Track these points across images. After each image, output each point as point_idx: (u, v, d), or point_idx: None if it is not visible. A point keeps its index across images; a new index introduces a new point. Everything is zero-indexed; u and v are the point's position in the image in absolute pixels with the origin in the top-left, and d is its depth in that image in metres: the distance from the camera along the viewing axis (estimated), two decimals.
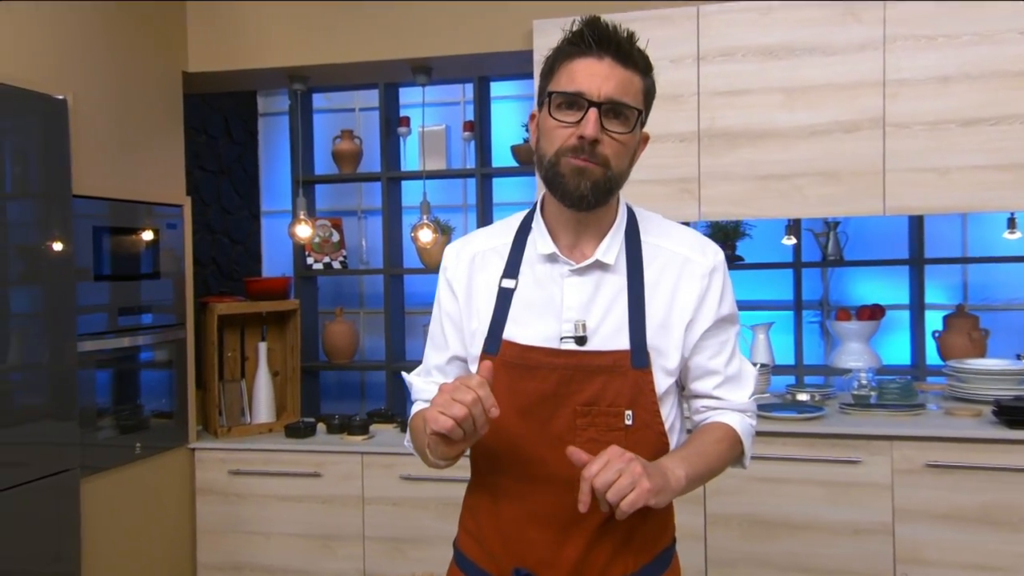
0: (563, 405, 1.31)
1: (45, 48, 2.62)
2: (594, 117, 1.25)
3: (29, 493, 2.43)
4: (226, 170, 4.23)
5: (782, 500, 2.77)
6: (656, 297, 1.35)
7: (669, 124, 2.91)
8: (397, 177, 3.89)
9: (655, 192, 2.92)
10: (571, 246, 1.38)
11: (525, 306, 1.37)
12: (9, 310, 2.41)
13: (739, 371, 1.42)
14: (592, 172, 1.28)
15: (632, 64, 1.31)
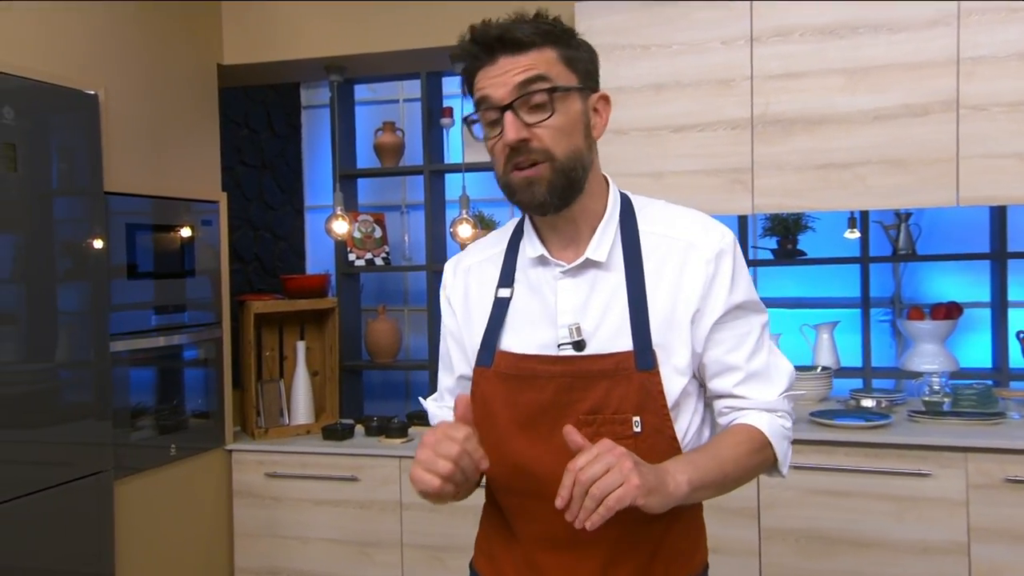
0: (565, 415, 1.25)
1: (77, 43, 2.65)
2: (510, 120, 1.19)
3: (62, 494, 2.47)
4: (268, 164, 4.25)
5: (844, 515, 2.64)
6: (659, 291, 1.27)
7: (719, 110, 2.79)
8: (440, 170, 3.85)
9: (704, 184, 2.81)
10: (563, 246, 1.32)
11: (520, 314, 1.32)
12: (41, 310, 2.45)
13: (766, 366, 1.31)
14: (539, 178, 1.22)
15: (527, 45, 1.22)
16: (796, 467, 2.67)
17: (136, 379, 2.86)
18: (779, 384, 1.31)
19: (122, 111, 2.79)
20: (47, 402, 2.45)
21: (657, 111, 2.82)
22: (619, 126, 2.85)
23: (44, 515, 2.41)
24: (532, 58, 1.21)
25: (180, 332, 3.01)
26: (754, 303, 1.32)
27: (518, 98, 1.19)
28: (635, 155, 2.86)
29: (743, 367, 1.29)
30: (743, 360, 1.29)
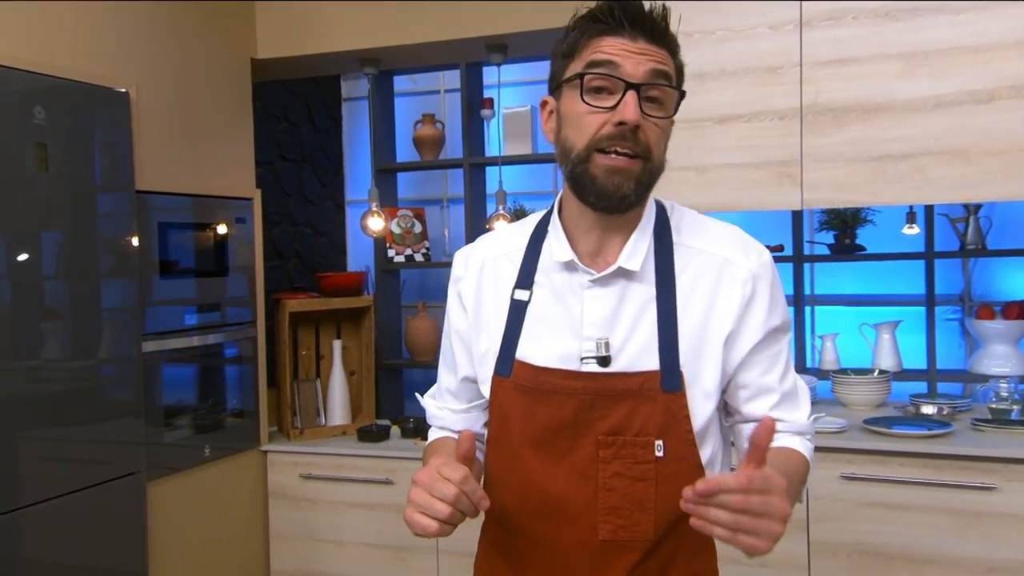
0: (584, 435, 1.22)
1: (108, 40, 2.69)
2: (634, 100, 1.16)
3: (96, 495, 2.52)
4: (308, 158, 4.28)
5: (900, 529, 2.55)
6: (691, 308, 1.24)
7: (766, 99, 2.71)
8: (480, 163, 3.83)
9: (750, 177, 2.73)
10: (593, 252, 1.27)
11: (540, 321, 1.28)
12: (73, 309, 2.50)
13: (793, 388, 1.30)
14: (633, 170, 1.19)
15: (667, 42, 1.22)
16: (849, 478, 2.59)
17: (170, 379, 2.91)
18: (805, 405, 1.31)
19: (154, 108, 2.83)
20: (80, 402, 2.51)
21: (700, 101, 2.75)
22: None
23: (78, 515, 2.47)
24: (666, 55, 1.21)
25: (214, 331, 3.05)
26: (787, 323, 1.30)
27: (648, 83, 1.17)
28: (677, 148, 2.76)
29: (777, 388, 1.27)
30: (776, 381, 1.27)
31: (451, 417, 1.42)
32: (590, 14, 1.23)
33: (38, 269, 2.41)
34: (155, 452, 2.79)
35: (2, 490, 2.26)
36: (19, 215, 2.34)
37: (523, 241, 1.34)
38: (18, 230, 2.34)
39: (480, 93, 3.94)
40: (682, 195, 2.79)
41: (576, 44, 1.23)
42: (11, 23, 2.39)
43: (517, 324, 1.29)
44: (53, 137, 2.42)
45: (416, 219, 4.00)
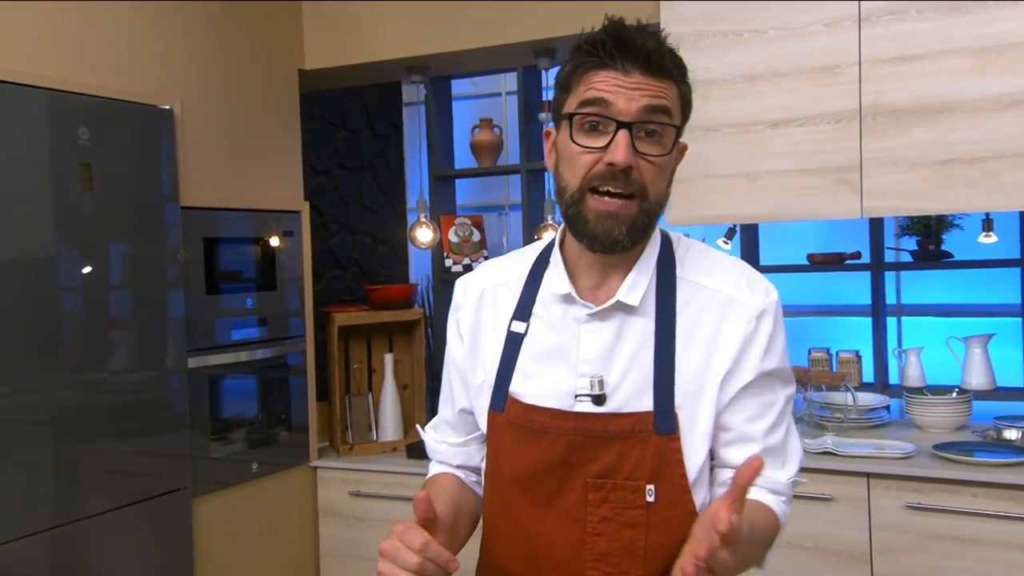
0: (573, 476, 1.23)
1: (151, 58, 2.84)
2: (625, 140, 1.17)
3: (139, 513, 2.68)
4: (368, 166, 4.41)
5: (970, 565, 2.46)
6: (692, 347, 1.24)
7: (823, 101, 2.65)
8: (538, 169, 3.87)
9: (805, 185, 2.68)
10: (594, 287, 1.29)
11: (536, 355, 1.29)
12: (117, 326, 2.66)
13: (783, 444, 1.28)
14: (626, 213, 1.20)
15: (665, 73, 1.21)
16: (915, 508, 2.52)
17: (217, 394, 3.05)
18: (791, 466, 1.29)
19: (199, 124, 2.98)
20: (125, 418, 2.66)
21: (751, 104, 2.72)
22: (709, 122, 2.77)
23: (120, 534, 2.63)
24: (663, 88, 1.20)
25: (263, 345, 3.18)
26: (785, 373, 1.29)
27: (641, 121, 1.18)
28: (727, 154, 2.77)
29: (760, 440, 1.25)
30: (761, 433, 1.25)
31: (448, 451, 1.44)
32: (584, 45, 1.23)
33: (86, 287, 2.57)
34: (202, 468, 2.93)
35: (48, 504, 2.43)
36: (64, 235, 2.50)
37: (525, 271, 1.36)
38: (64, 250, 2.50)
39: (539, 95, 3.97)
40: (731, 204, 2.76)
41: (571, 78, 1.24)
42: (53, 45, 2.56)
43: (512, 357, 1.30)
44: (97, 157, 2.58)
45: (474, 227, 4.06)
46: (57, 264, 2.50)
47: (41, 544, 2.41)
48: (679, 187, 2.83)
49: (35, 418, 2.45)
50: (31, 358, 2.41)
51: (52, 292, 2.47)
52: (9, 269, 2.37)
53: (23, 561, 2.36)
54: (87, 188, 2.57)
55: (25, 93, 2.42)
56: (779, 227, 3.65)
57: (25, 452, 2.39)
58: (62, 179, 2.50)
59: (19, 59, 2.46)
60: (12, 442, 2.36)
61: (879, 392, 3.34)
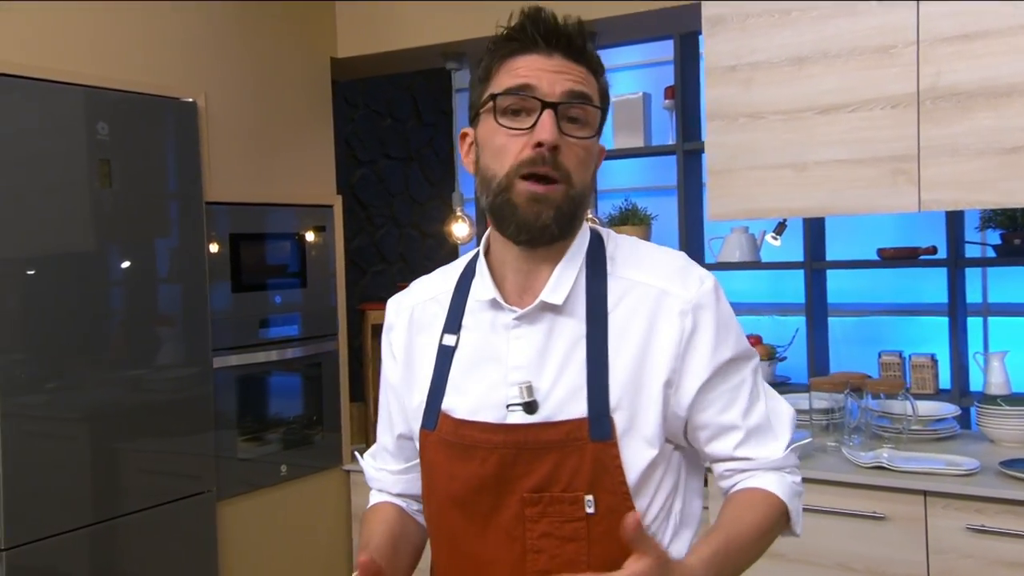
0: (508, 492, 1.22)
1: (173, 49, 2.91)
2: (550, 119, 1.19)
3: (161, 515, 2.75)
4: (415, 156, 4.43)
5: None
6: (624, 346, 1.23)
7: (876, 85, 2.55)
8: None
9: (858, 176, 2.59)
10: (521, 289, 1.28)
11: (467, 367, 1.29)
12: (141, 326, 2.74)
13: (765, 419, 1.28)
14: (552, 197, 1.21)
15: (587, 59, 1.25)
16: (978, 530, 2.41)
17: (243, 395, 3.11)
18: (783, 436, 1.29)
19: (225, 116, 3.04)
20: (144, 419, 2.74)
21: (799, 89, 2.63)
22: (754, 108, 2.70)
23: (144, 537, 2.71)
24: (586, 73, 1.24)
25: (292, 345, 3.24)
26: (744, 352, 1.29)
27: (566, 103, 1.20)
28: (773, 143, 2.69)
29: (741, 425, 1.26)
30: (739, 417, 1.26)
31: (389, 479, 1.44)
32: (502, 34, 1.26)
33: (103, 285, 2.65)
34: (227, 471, 2.99)
35: (72, 505, 2.52)
36: (83, 232, 2.59)
37: (451, 284, 1.36)
38: (82, 247, 2.59)
39: None
40: (777, 197, 2.69)
41: (490, 67, 1.26)
42: (72, 38, 2.64)
43: (444, 372, 1.30)
44: (117, 152, 2.65)
45: None
46: (75, 263, 2.58)
47: (72, 543, 2.50)
48: (720, 179, 2.79)
49: (68, 415, 2.55)
50: (49, 359, 2.50)
51: (63, 291, 2.55)
52: (32, 267, 2.46)
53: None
54: (106, 184, 2.65)
55: (42, 88, 2.51)
56: (848, 219, 3.54)
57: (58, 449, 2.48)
58: (80, 175, 2.58)
59: (37, 54, 2.54)
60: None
61: (956, 401, 3.20)
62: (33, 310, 2.47)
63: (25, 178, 2.45)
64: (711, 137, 2.77)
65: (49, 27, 2.58)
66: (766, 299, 3.81)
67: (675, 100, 3.61)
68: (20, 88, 2.46)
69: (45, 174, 2.50)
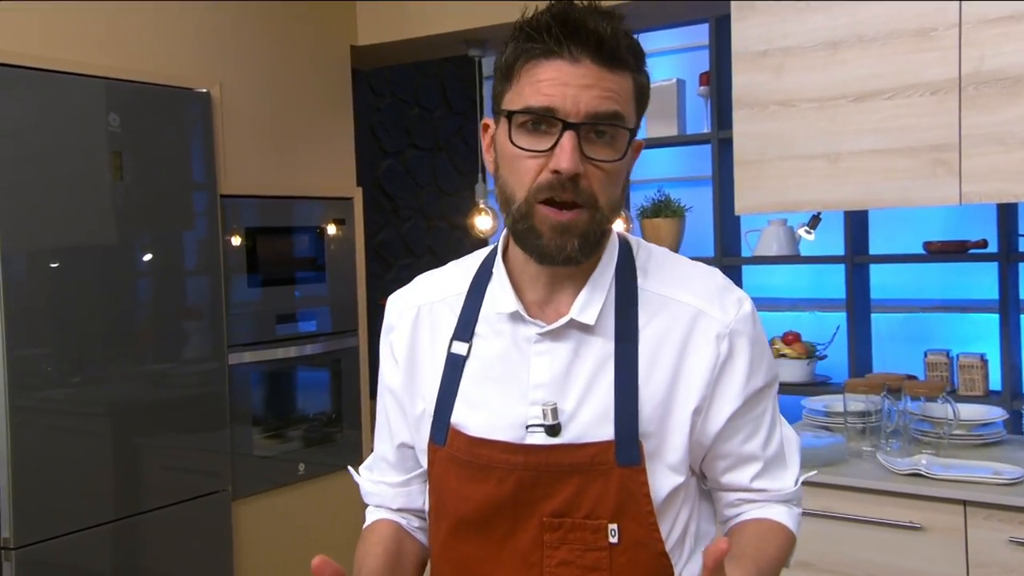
0: (526, 516, 1.18)
1: (186, 39, 2.91)
2: (571, 144, 1.10)
3: (175, 515, 2.77)
4: (444, 145, 4.41)
5: None
6: (656, 367, 1.18)
7: (915, 70, 2.47)
8: None
9: (894, 167, 2.50)
10: (542, 301, 1.22)
11: (480, 380, 1.23)
12: (154, 321, 2.75)
13: (780, 450, 1.27)
14: (577, 224, 1.13)
15: (620, 63, 1.13)
16: (1021, 543, 2.32)
17: (259, 392, 3.12)
18: (793, 465, 1.29)
19: (240, 107, 3.03)
20: (158, 417, 2.75)
21: (833, 75, 2.56)
22: (785, 96, 2.63)
23: (158, 536, 2.72)
24: (617, 82, 1.13)
25: (308, 342, 3.23)
26: (772, 379, 1.26)
27: (589, 124, 1.11)
28: (805, 132, 2.62)
29: (761, 456, 1.25)
30: (760, 448, 1.25)
31: (388, 492, 1.37)
32: (527, 28, 1.14)
33: (116, 280, 2.66)
34: (243, 470, 3.00)
35: (86, 504, 2.54)
36: (94, 226, 2.60)
37: (465, 285, 1.29)
38: (92, 241, 2.60)
39: None
40: (810, 189, 2.62)
41: (513, 67, 1.16)
42: (84, 28, 2.64)
43: (453, 383, 1.24)
44: (128, 144, 2.66)
45: None
46: (87, 257, 2.59)
47: (86, 541, 2.51)
48: (749, 169, 2.72)
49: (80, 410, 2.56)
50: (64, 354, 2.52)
51: (78, 286, 2.56)
52: (55, 260, 2.48)
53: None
54: (117, 177, 2.65)
55: (55, 80, 2.51)
56: (893, 210, 3.44)
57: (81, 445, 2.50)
58: (92, 168, 2.59)
59: (49, 45, 2.55)
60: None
61: (1006, 404, 3.10)
62: (45, 305, 2.48)
63: (39, 171, 2.46)
64: (739, 126, 2.70)
65: (61, 18, 2.59)
66: (807, 294, 3.72)
67: (710, 86, 3.54)
68: (33, 80, 2.47)
69: (58, 166, 2.51)
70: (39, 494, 2.44)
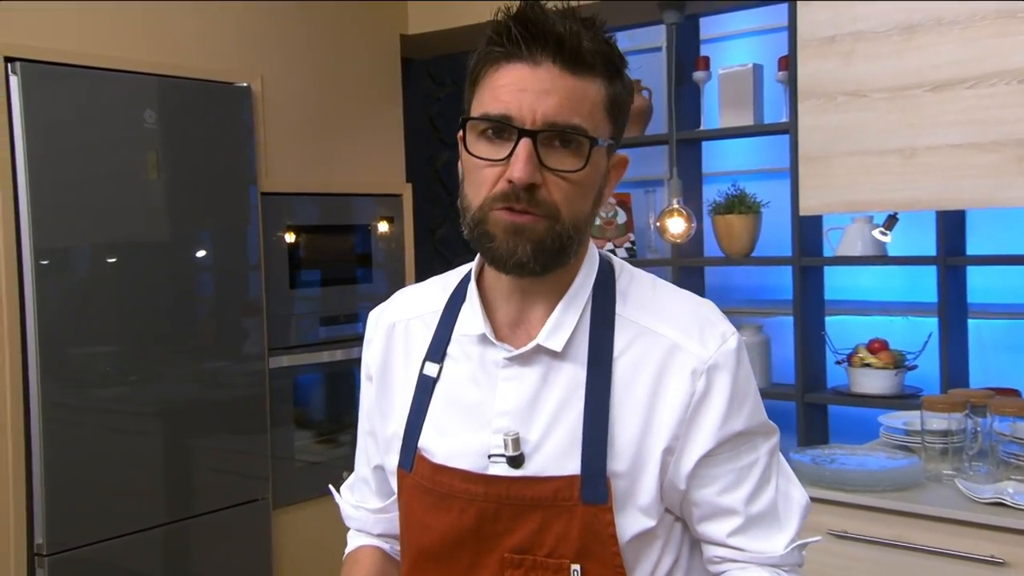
0: (488, 550, 1.17)
1: (225, 31, 2.93)
2: (525, 152, 1.09)
3: (213, 523, 2.80)
4: None
5: None
6: (628, 400, 1.16)
7: (1000, 56, 2.32)
8: (690, 139, 3.67)
9: (975, 164, 2.37)
10: (513, 322, 1.21)
11: (449, 404, 1.22)
12: (193, 324, 2.78)
13: (770, 508, 1.20)
14: (533, 229, 1.11)
15: (584, 67, 1.11)
16: None
17: (301, 397, 3.14)
18: (788, 528, 1.21)
19: (282, 101, 3.04)
20: (197, 423, 2.79)
21: (908, 63, 2.43)
22: (856, 85, 2.51)
23: (195, 544, 2.77)
24: (582, 87, 1.11)
25: (355, 344, 3.23)
26: (760, 426, 1.21)
27: (555, 130, 1.10)
28: (876, 125, 2.50)
29: (741, 511, 1.19)
30: (741, 502, 1.18)
31: (368, 519, 1.39)
32: (490, 29, 1.14)
33: (153, 280, 2.69)
34: (284, 478, 3.02)
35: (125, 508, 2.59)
36: (130, 224, 2.64)
37: (442, 302, 1.28)
38: (126, 240, 2.64)
39: (696, 50, 3.77)
40: (882, 188, 2.50)
41: (476, 70, 1.16)
42: (118, 23, 2.68)
43: (423, 406, 1.23)
44: (164, 141, 2.69)
45: (620, 207, 3.92)
46: (120, 255, 2.63)
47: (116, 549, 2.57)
48: (815, 166, 2.60)
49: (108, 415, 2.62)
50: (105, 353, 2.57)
51: (105, 285, 2.60)
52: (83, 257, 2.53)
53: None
54: (153, 174, 2.69)
55: (89, 76, 2.56)
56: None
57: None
58: (129, 164, 2.63)
59: (89, 41, 2.59)
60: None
61: None
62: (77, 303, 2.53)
63: (78, 168, 2.52)
64: (805, 118, 2.59)
65: (97, 14, 2.63)
66: (898, 297, 3.57)
67: (789, 72, 3.41)
68: (71, 76, 2.52)
69: (96, 163, 2.56)
70: (73, 499, 2.49)
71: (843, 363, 3.29)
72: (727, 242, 3.56)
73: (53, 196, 2.47)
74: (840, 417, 3.54)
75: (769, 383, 3.52)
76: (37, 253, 2.43)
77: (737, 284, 3.94)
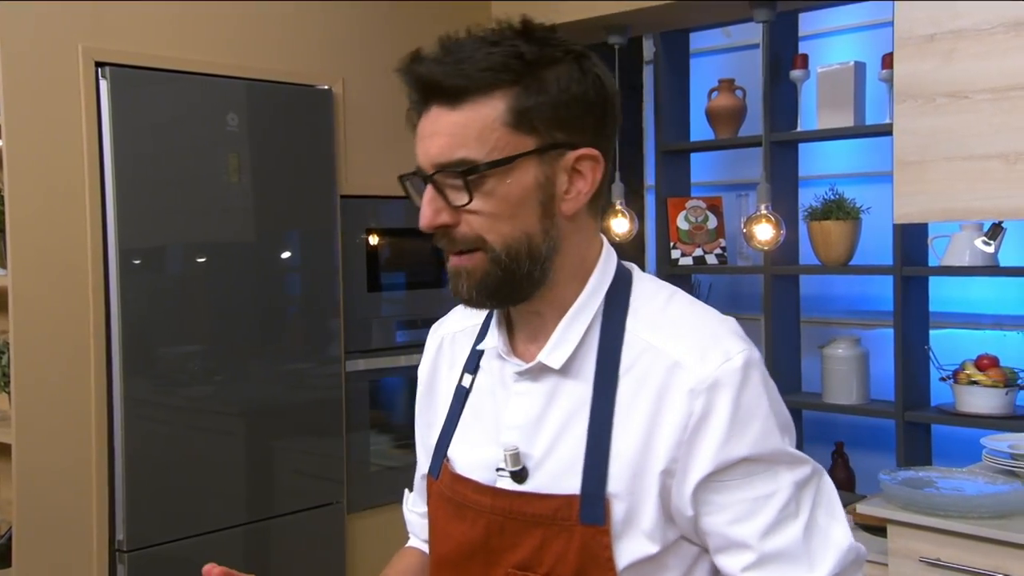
0: (494, 564, 1.21)
1: (308, 34, 3.05)
2: (426, 198, 1.17)
3: (289, 525, 2.92)
4: None
5: None
6: (631, 420, 1.16)
7: None
8: (787, 140, 3.67)
9: None
10: (529, 338, 1.25)
11: (475, 415, 1.29)
12: (273, 326, 2.90)
13: (794, 547, 1.14)
14: (469, 270, 1.16)
15: (468, 94, 1.14)
16: None
17: (379, 401, 3.24)
18: (819, 570, 1.14)
19: (364, 104, 3.15)
20: (271, 428, 2.92)
21: (1014, 62, 2.41)
22: (956, 86, 2.49)
23: (269, 547, 2.89)
24: (467, 116, 1.14)
25: None
26: (777, 455, 1.15)
27: (437, 172, 1.16)
28: (980, 128, 2.47)
29: (754, 546, 1.14)
30: (755, 536, 1.14)
31: (418, 523, 1.47)
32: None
33: (230, 282, 2.82)
34: (360, 482, 3.12)
35: (204, 508, 2.74)
36: (209, 228, 2.78)
37: (482, 317, 1.33)
38: (207, 242, 2.78)
39: (794, 48, 3.77)
40: (984, 195, 2.47)
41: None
42: (201, 27, 2.82)
43: (455, 415, 1.30)
44: (246, 144, 2.83)
45: (710, 211, 3.94)
46: (202, 256, 2.77)
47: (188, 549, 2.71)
48: (911, 171, 2.59)
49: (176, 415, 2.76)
50: None
51: (183, 287, 2.75)
52: (162, 259, 2.68)
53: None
54: (234, 177, 2.83)
55: (174, 79, 2.71)
56: None
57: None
58: (208, 168, 2.77)
59: (170, 45, 2.74)
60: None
61: None
62: (158, 305, 2.68)
63: (165, 169, 2.66)
64: (901, 121, 2.59)
65: (179, 17, 2.77)
66: (1014, 311, 3.50)
67: (892, 70, 3.39)
68: (164, 81, 2.68)
69: (182, 165, 2.71)
70: (154, 496, 2.63)
71: (948, 379, 3.24)
72: (823, 250, 3.53)
73: (138, 198, 2.61)
74: (946, 437, 3.48)
75: (867, 399, 3.49)
76: (123, 254, 2.58)
77: (835, 294, 3.91)
